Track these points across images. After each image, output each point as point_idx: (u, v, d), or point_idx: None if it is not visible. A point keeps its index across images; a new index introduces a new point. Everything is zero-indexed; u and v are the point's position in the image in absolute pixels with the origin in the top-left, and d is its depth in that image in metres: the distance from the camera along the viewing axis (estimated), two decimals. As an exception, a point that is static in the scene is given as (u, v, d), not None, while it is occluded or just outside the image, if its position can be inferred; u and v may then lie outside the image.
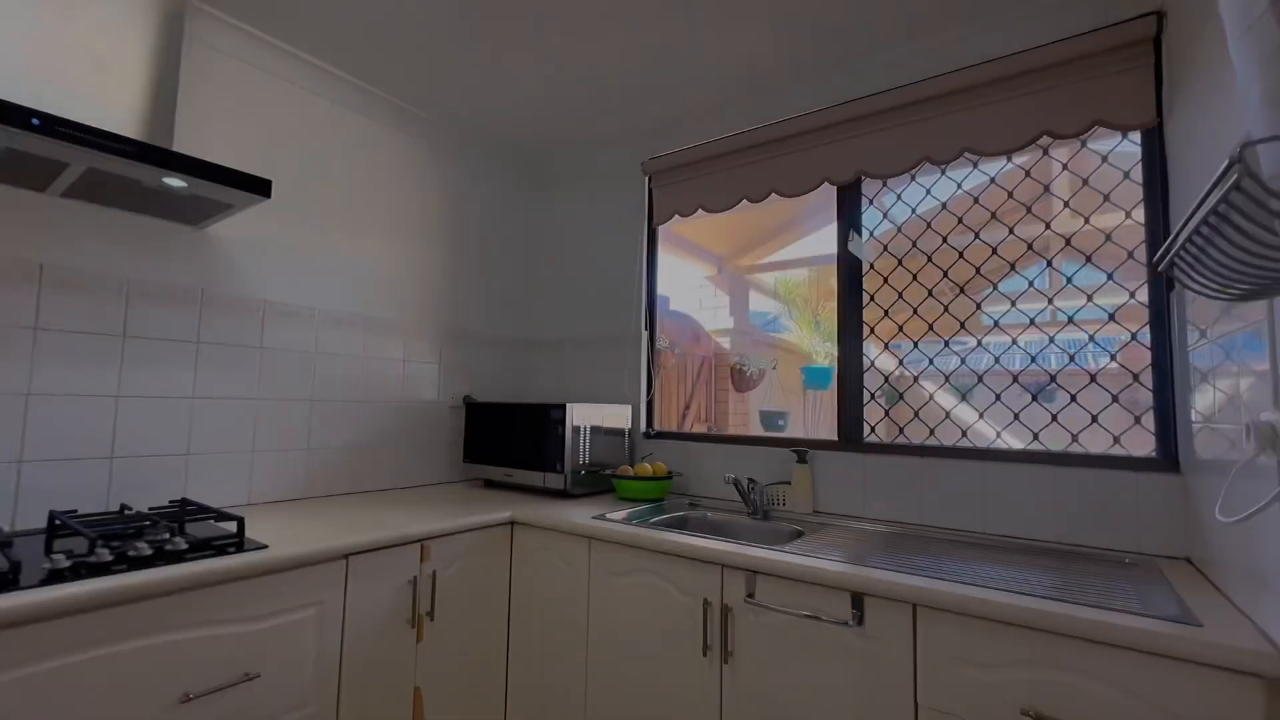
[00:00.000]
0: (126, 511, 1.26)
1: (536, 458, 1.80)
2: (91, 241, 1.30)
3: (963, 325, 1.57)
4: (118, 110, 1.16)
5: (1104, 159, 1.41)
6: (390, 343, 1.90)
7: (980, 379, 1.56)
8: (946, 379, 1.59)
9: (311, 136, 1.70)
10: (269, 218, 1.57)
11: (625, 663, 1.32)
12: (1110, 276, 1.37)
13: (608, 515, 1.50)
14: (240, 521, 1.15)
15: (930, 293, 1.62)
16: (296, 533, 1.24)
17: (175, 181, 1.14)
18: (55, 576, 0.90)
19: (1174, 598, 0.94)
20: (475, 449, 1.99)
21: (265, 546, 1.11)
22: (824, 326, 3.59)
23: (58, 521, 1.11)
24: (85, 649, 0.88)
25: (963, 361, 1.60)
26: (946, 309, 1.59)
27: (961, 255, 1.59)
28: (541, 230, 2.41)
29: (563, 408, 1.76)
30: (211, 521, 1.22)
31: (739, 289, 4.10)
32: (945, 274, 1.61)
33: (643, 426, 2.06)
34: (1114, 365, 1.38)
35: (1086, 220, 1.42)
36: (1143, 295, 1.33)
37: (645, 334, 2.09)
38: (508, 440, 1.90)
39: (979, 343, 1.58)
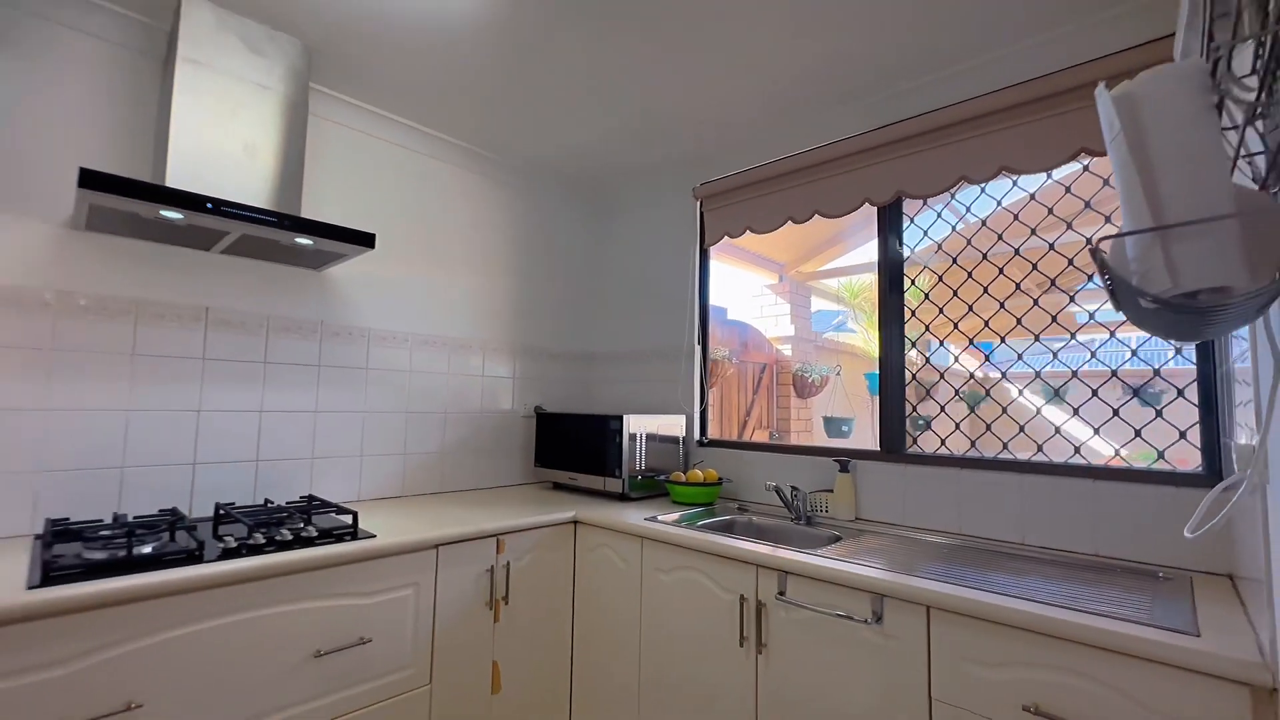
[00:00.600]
0: (269, 504, 1.56)
1: (597, 463, 1.99)
2: (242, 287, 1.62)
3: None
4: (262, 185, 1.46)
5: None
6: (471, 360, 2.16)
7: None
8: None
9: (405, 185, 1.99)
10: (372, 258, 1.86)
11: (672, 649, 1.48)
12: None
13: (659, 517, 1.66)
14: (355, 515, 1.42)
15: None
16: (397, 525, 1.50)
17: (304, 240, 1.43)
18: (227, 554, 1.18)
19: (1189, 610, 0.97)
20: (544, 454, 2.22)
21: (374, 536, 1.37)
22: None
23: (221, 511, 1.42)
24: (247, 610, 1.15)
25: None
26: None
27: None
28: (603, 252, 2.61)
29: (620, 418, 1.94)
30: (332, 514, 1.50)
31: (801, 295, 4.14)
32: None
33: (696, 435, 2.21)
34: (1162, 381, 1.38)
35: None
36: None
37: (698, 348, 2.24)
38: (572, 447, 2.10)
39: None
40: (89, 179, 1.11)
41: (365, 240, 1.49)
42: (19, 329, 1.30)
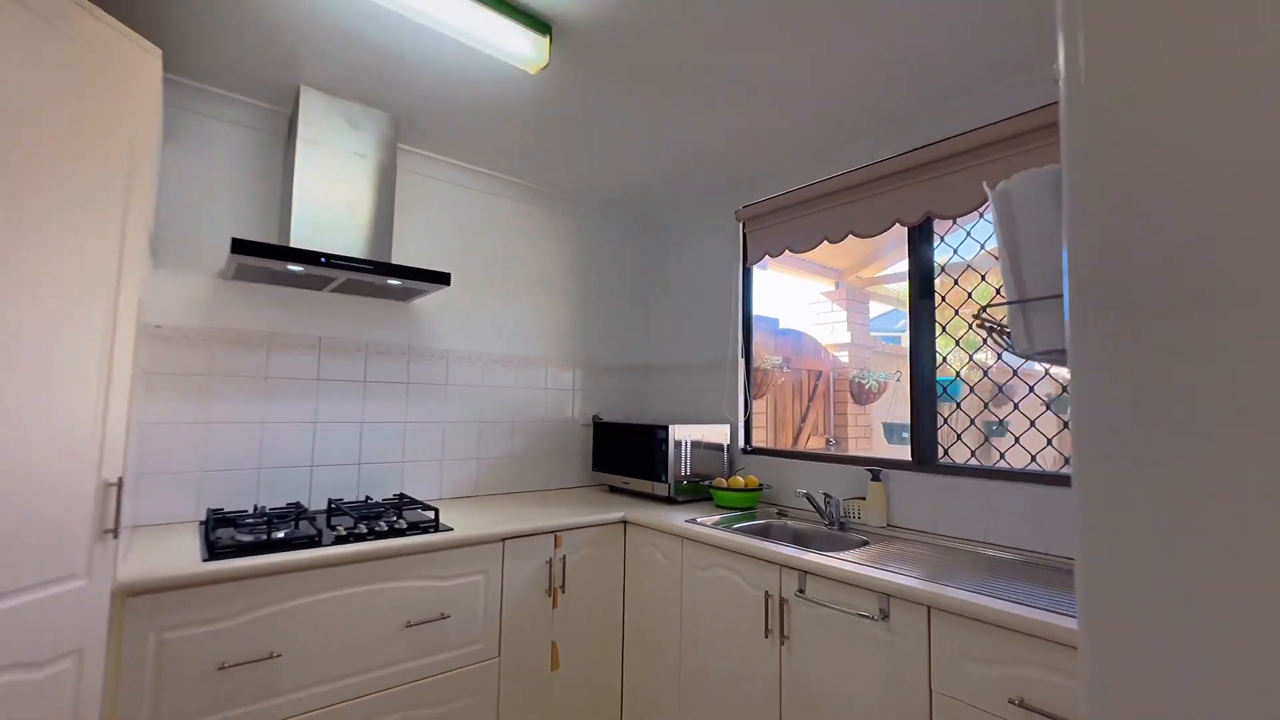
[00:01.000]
0: (369, 500, 1.87)
1: (646, 469, 2.19)
2: (346, 319, 1.95)
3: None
4: (360, 237, 1.77)
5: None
6: (536, 374, 2.42)
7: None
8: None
9: (476, 222, 2.27)
10: (449, 289, 2.15)
11: (707, 637, 1.64)
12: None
13: (698, 520, 1.83)
14: (436, 511, 1.69)
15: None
16: (471, 520, 1.76)
17: (394, 282, 1.72)
18: (338, 540, 1.47)
19: None
20: (600, 460, 2.44)
21: (451, 529, 1.63)
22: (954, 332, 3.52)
23: (332, 504, 1.74)
24: (353, 586, 1.44)
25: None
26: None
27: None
28: (655, 271, 2.81)
29: (666, 428, 2.13)
30: (419, 510, 1.78)
31: (858, 302, 4.14)
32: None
33: (741, 443, 2.35)
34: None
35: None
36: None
37: (741, 360, 2.38)
38: (625, 453, 2.31)
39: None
40: (239, 246, 1.43)
41: (441, 279, 1.76)
42: (187, 359, 1.67)
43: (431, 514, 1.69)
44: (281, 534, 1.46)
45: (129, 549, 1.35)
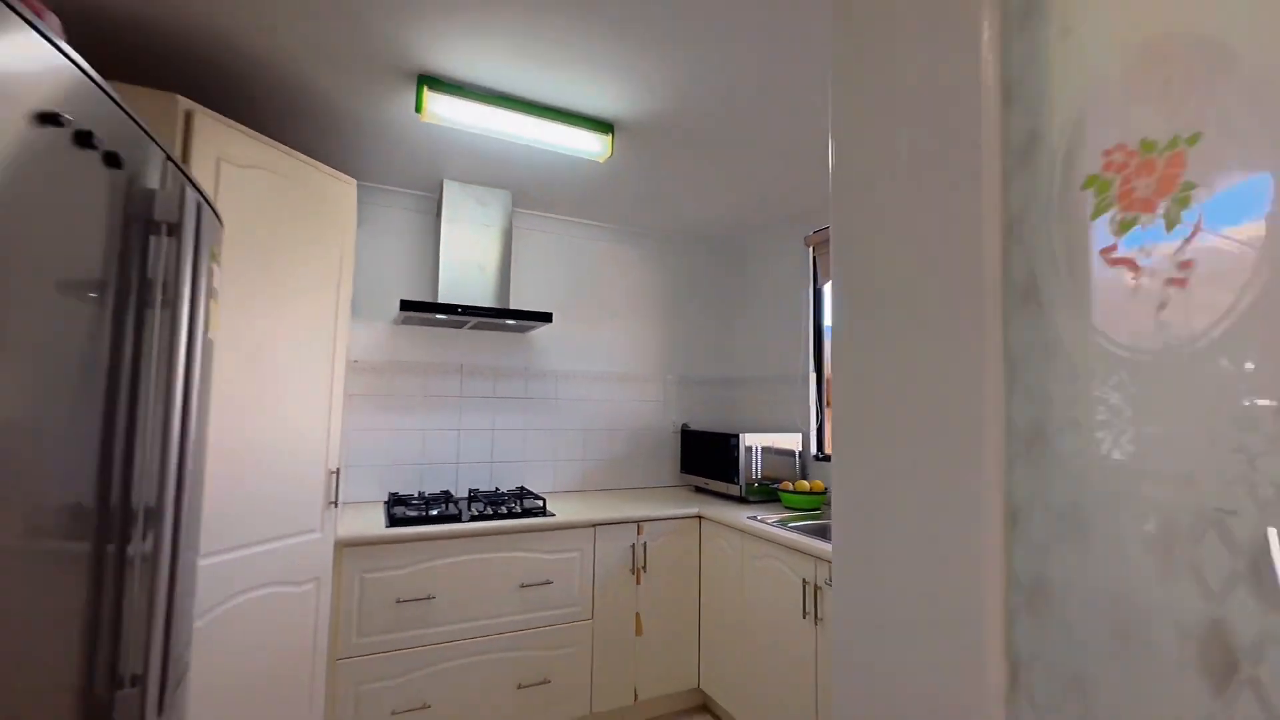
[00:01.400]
0: (497, 490, 2.40)
1: (723, 471, 2.49)
2: (480, 349, 2.51)
3: None
4: (488, 289, 2.31)
5: None
6: (631, 388, 2.83)
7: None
8: None
9: (577, 264, 2.75)
10: (556, 322, 2.64)
11: (761, 616, 1.92)
12: None
13: (758, 517, 2.10)
14: (545, 500, 2.16)
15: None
16: (572, 509, 2.21)
17: (512, 322, 2.23)
18: (473, 518, 1.99)
19: None
20: (687, 463, 2.78)
21: (554, 515, 2.09)
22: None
23: (471, 492, 2.29)
24: (483, 552, 1.94)
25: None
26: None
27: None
28: (734, 293, 3.09)
29: (737, 436, 2.42)
30: (532, 499, 2.27)
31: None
32: None
33: (813, 450, 2.56)
34: None
35: None
36: None
37: (812, 373, 2.59)
38: (706, 457, 2.63)
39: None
40: (405, 305, 2.02)
41: (546, 318, 2.24)
42: (373, 384, 2.31)
43: (541, 502, 2.16)
44: (435, 512, 2.01)
45: (342, 516, 1.97)
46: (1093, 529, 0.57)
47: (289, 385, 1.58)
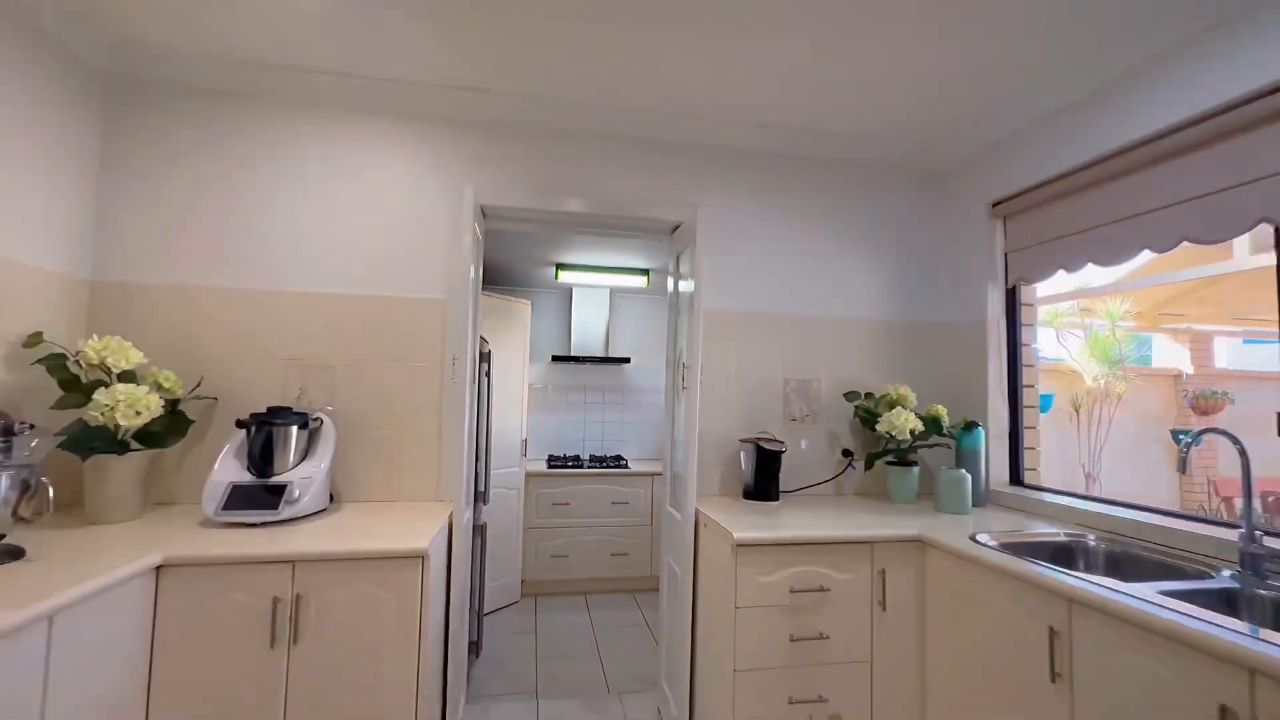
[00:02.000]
0: (606, 456, 4.29)
1: (734, 450, 4.12)
2: (594, 375, 4.41)
3: None
4: (599, 341, 4.18)
5: None
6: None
7: None
8: None
9: (645, 324, 4.53)
10: (635, 360, 4.45)
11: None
12: None
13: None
14: (626, 460, 4.00)
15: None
16: (642, 466, 4.02)
17: (609, 365, 4.10)
18: (590, 465, 3.89)
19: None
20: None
21: (629, 467, 3.92)
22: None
23: (590, 455, 4.20)
24: (593, 484, 3.83)
25: None
26: None
27: None
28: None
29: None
30: (620, 461, 4.11)
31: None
32: None
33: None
34: None
35: None
36: None
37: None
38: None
39: None
40: (555, 358, 3.99)
41: (626, 360, 4.08)
42: (540, 396, 4.32)
43: (625, 461, 4.00)
44: (570, 462, 3.94)
45: (526, 463, 3.98)
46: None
47: (508, 400, 3.59)
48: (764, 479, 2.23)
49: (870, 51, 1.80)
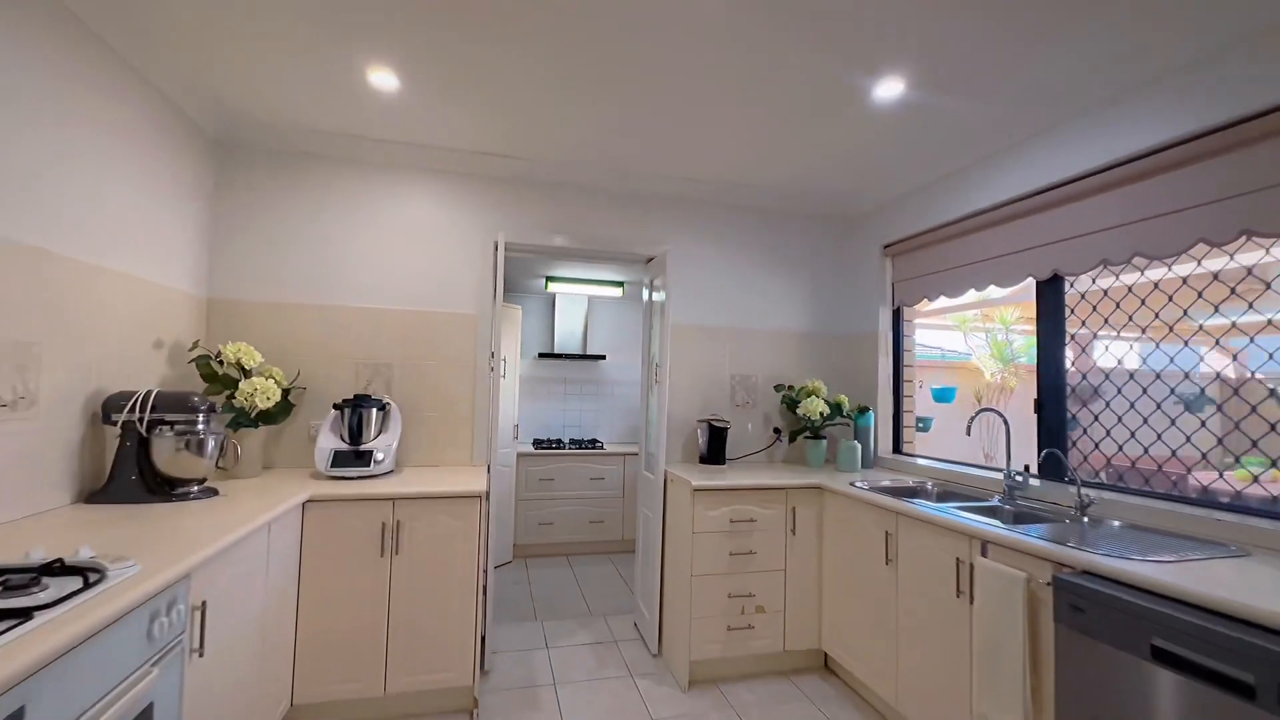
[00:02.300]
0: (583, 439, 5.00)
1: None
2: (573, 369, 5.11)
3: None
4: (578, 340, 4.88)
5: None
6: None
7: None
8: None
9: (620, 325, 5.25)
10: (610, 357, 5.17)
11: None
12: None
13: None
14: (602, 443, 4.73)
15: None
16: (614, 447, 4.76)
17: (587, 360, 4.81)
18: (569, 447, 4.61)
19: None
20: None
21: (604, 448, 4.65)
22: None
23: (569, 440, 4.91)
24: (572, 463, 4.54)
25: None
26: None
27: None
28: (715, 336, 5.45)
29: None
30: (597, 443, 4.84)
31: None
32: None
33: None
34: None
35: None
36: (848, 381, 3.56)
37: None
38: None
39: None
40: (541, 355, 4.67)
41: (602, 356, 4.80)
42: (529, 387, 4.99)
43: (600, 443, 4.73)
44: (552, 445, 4.64)
45: (518, 445, 4.65)
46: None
47: (504, 391, 4.25)
48: (714, 448, 3.01)
49: (800, 145, 2.57)
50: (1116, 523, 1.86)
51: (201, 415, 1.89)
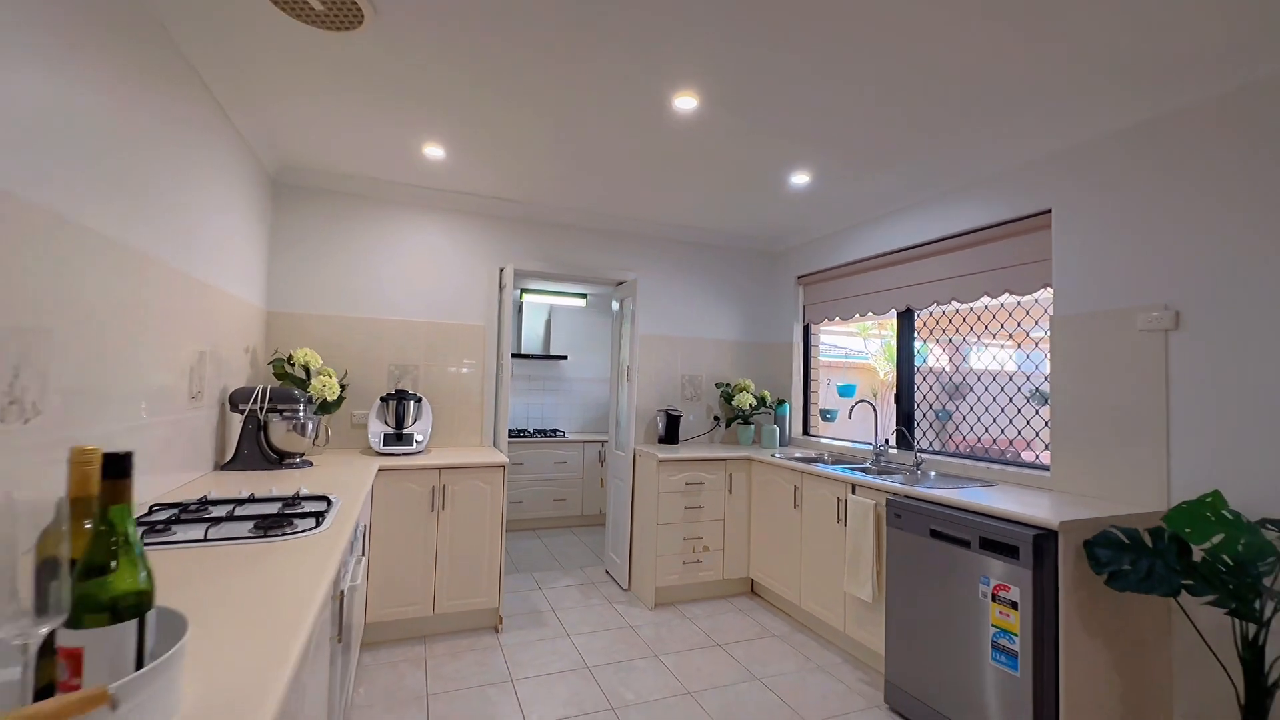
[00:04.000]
0: (545, 429, 5.73)
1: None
2: (538, 369, 5.82)
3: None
4: (540, 341, 5.58)
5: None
6: (604, 387, 6.10)
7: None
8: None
9: (581, 328, 6.01)
10: (572, 357, 5.92)
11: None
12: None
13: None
14: (564, 431, 5.49)
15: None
16: (574, 435, 5.52)
17: (550, 360, 5.55)
18: (534, 435, 5.33)
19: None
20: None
21: (565, 436, 5.41)
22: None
23: (534, 429, 5.62)
24: (538, 449, 5.27)
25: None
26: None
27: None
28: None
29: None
30: (558, 433, 5.58)
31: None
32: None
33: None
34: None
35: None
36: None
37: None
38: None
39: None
40: (514, 356, 5.35)
41: (564, 357, 5.54)
42: (516, 385, 5.64)
43: (562, 432, 5.48)
44: (523, 433, 5.34)
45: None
46: (640, 416, 3.83)
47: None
48: (670, 431, 3.87)
49: (739, 204, 3.46)
50: (934, 473, 2.89)
51: (303, 405, 2.51)
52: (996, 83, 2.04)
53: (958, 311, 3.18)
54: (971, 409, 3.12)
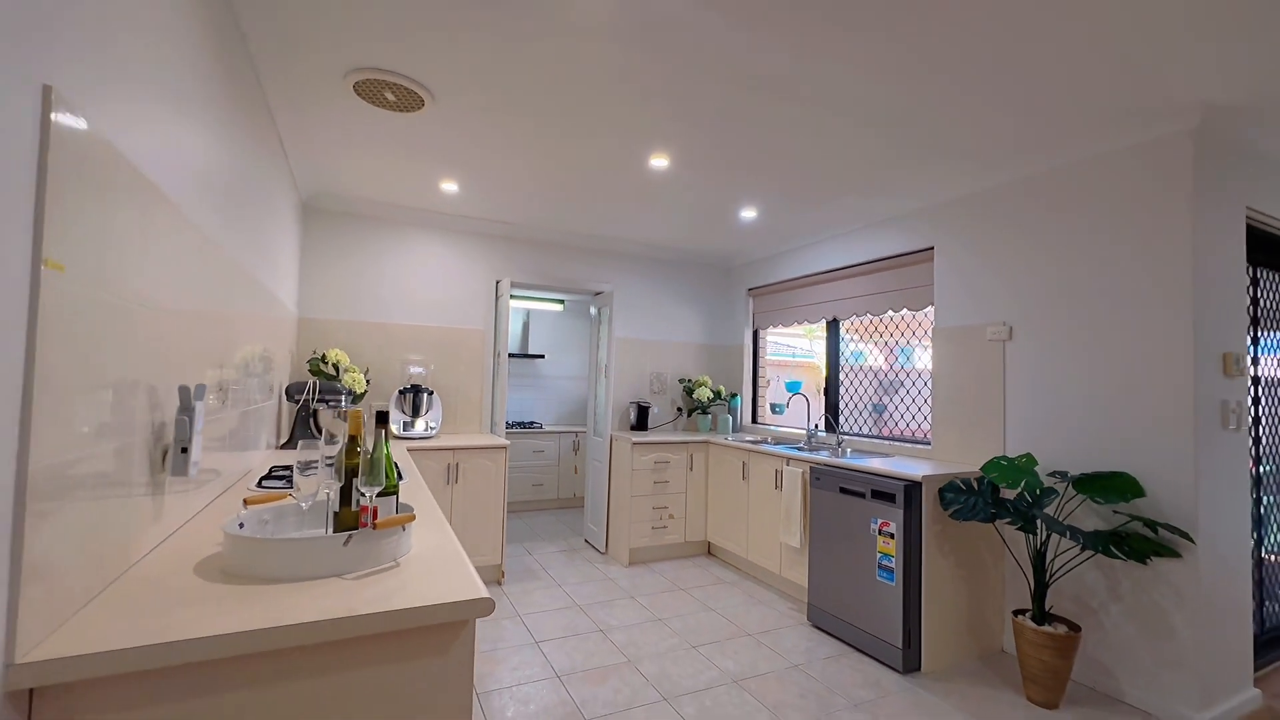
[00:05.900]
0: (529, 422, 6.31)
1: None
2: (525, 366, 6.40)
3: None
4: (519, 343, 6.15)
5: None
6: (581, 384, 6.72)
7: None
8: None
9: (558, 330, 6.61)
10: (549, 356, 6.51)
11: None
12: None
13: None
14: (542, 425, 6.09)
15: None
16: (552, 427, 6.13)
17: (529, 358, 6.13)
18: (517, 427, 5.91)
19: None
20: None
21: (544, 428, 6.01)
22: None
23: (523, 422, 6.20)
24: (520, 440, 5.86)
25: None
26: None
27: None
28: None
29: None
30: (536, 425, 6.17)
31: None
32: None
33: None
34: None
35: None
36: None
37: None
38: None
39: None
40: (510, 356, 5.92)
41: (541, 356, 6.14)
42: (511, 381, 6.19)
43: (540, 424, 6.07)
44: (509, 425, 5.91)
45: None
46: (615, 407, 4.49)
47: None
48: (641, 420, 4.54)
49: (701, 230, 4.16)
50: (850, 450, 3.66)
51: (344, 397, 3.06)
52: (877, 160, 2.79)
53: (882, 320, 3.97)
54: (902, 400, 3.90)
